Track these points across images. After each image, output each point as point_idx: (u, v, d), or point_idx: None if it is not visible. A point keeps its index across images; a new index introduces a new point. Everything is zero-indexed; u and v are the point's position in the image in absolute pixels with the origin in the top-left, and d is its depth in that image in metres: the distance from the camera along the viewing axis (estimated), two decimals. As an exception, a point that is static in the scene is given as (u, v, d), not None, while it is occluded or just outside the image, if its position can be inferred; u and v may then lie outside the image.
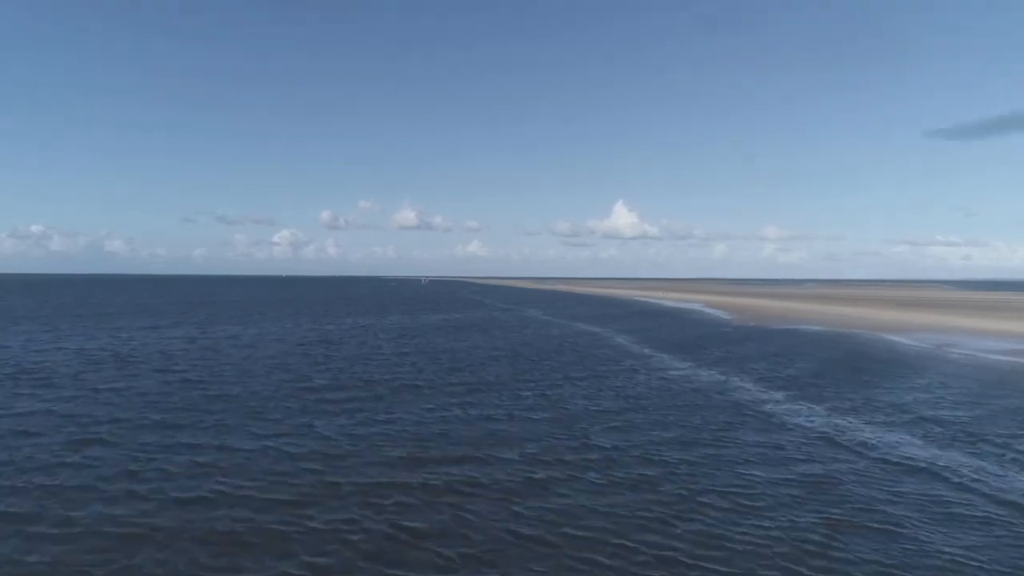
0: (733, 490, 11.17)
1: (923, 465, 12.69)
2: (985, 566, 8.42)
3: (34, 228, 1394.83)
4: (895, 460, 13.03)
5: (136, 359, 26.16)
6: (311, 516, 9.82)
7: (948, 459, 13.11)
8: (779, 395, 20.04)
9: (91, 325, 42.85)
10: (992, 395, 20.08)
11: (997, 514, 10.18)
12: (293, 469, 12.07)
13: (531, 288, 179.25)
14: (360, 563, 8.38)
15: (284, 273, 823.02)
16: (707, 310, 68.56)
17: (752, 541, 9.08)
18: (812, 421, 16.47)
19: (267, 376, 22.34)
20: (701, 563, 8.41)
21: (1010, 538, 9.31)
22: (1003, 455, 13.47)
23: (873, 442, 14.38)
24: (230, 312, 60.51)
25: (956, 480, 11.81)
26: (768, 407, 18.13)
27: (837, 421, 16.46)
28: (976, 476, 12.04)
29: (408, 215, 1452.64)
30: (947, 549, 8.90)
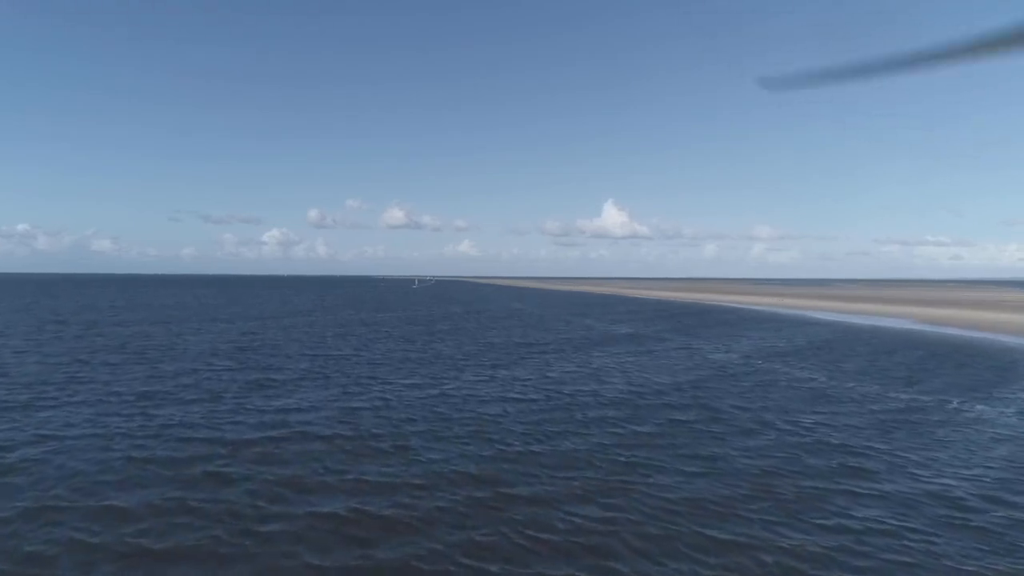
0: None
1: None
2: None
3: (20, 227, 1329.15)
4: None
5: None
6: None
7: None
8: None
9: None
10: None
11: None
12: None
13: (547, 290, 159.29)
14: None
15: (285, 273, 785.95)
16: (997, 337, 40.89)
17: None
18: None
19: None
20: None
21: None
22: None
23: None
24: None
25: None
26: None
27: None
28: None
29: (396, 214, 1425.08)
30: None
